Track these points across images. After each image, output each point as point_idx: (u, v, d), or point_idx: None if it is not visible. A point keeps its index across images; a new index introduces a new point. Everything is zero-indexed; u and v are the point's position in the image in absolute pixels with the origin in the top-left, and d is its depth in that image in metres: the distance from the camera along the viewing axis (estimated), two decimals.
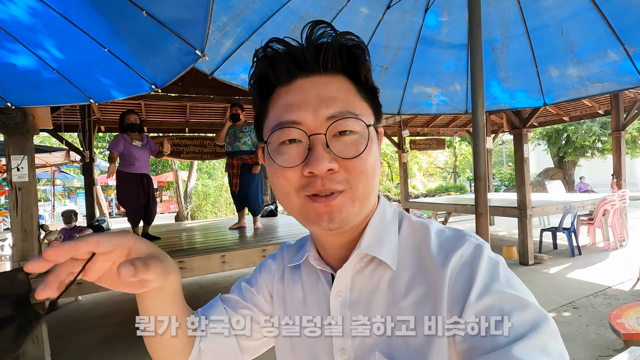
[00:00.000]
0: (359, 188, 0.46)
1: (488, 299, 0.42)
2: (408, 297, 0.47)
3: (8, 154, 2.57)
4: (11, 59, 1.53)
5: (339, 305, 0.51)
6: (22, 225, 2.63)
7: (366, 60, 0.49)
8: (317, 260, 0.55)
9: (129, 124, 3.78)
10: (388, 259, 0.49)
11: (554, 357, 0.38)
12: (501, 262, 0.47)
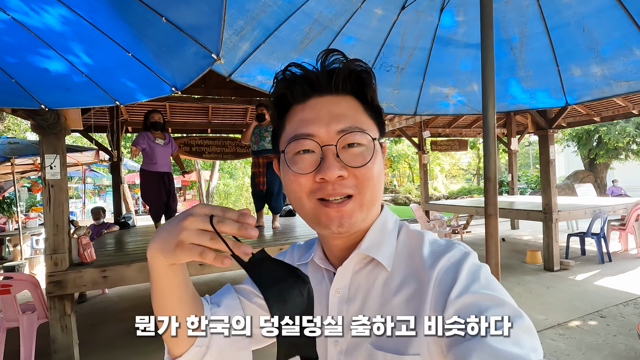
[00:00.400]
0: (367, 194, 0.52)
1: (467, 298, 0.46)
2: (398, 295, 0.52)
3: (42, 153, 2.73)
4: (45, 64, 1.64)
5: (337, 301, 0.56)
6: (54, 220, 2.79)
7: (372, 83, 0.56)
8: (321, 260, 0.60)
9: (152, 123, 3.93)
10: (384, 261, 0.54)
11: (527, 349, 0.41)
12: (484, 268, 0.51)
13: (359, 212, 0.52)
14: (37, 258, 6.36)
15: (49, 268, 2.76)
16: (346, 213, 0.51)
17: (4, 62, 1.63)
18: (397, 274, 0.53)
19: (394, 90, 2.12)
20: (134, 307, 4.37)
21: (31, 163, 6.70)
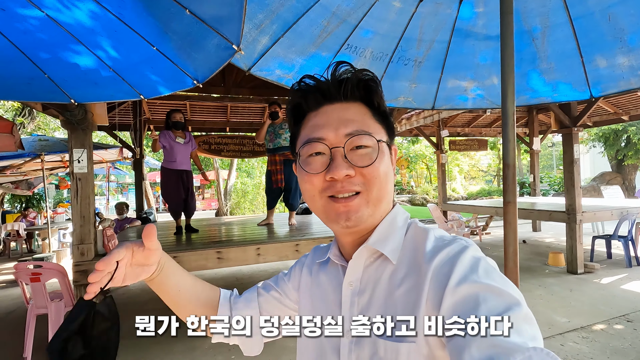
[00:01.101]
0: (373, 191, 0.56)
1: (465, 287, 0.47)
2: (401, 287, 0.54)
3: (71, 148, 2.86)
4: (75, 60, 1.73)
5: (349, 294, 0.60)
6: (81, 212, 2.91)
7: (379, 91, 0.60)
8: (336, 256, 0.65)
9: (174, 122, 4.04)
10: (390, 254, 0.57)
11: (526, 337, 0.41)
12: (484, 260, 0.51)
13: (366, 207, 0.56)
14: (64, 251, 6.63)
15: (76, 257, 2.88)
16: (353, 207, 0.56)
17: (37, 57, 1.73)
18: (402, 268, 0.56)
19: (412, 84, 2.11)
20: (155, 299, 4.46)
21: (59, 160, 6.99)
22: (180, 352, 3.04)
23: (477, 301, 0.45)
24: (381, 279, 0.57)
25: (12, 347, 3.17)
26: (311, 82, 0.61)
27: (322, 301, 0.65)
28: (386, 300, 0.55)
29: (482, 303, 0.44)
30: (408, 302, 0.52)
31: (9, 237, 8.02)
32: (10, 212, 9.95)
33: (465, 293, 0.46)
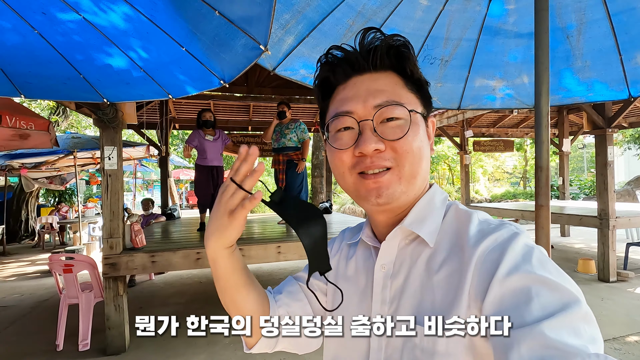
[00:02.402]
0: (405, 166, 0.52)
1: (516, 278, 0.42)
2: (440, 272, 0.50)
3: (102, 145, 2.98)
4: (108, 61, 1.80)
5: (382, 276, 0.56)
6: (111, 207, 3.02)
7: (411, 56, 0.55)
8: (369, 237, 0.61)
9: (204, 121, 4.22)
10: (427, 237, 0.53)
11: (585, 340, 0.37)
12: (537, 249, 0.46)
13: (397, 183, 0.52)
14: (93, 244, 6.92)
15: (105, 251, 3.00)
16: (383, 184, 0.52)
17: (73, 59, 1.81)
18: (441, 251, 0.52)
19: (437, 84, 2.07)
20: (178, 293, 4.62)
21: (90, 157, 7.30)
22: (201, 345, 3.11)
23: (529, 295, 0.40)
24: (417, 263, 0.53)
25: (45, 334, 3.33)
26: (339, 53, 0.56)
27: (352, 285, 0.62)
28: (423, 285, 0.51)
29: (534, 297, 0.40)
30: (448, 289, 0.48)
31: (44, 230, 8.44)
32: (44, 206, 10.47)
33: (516, 285, 0.42)
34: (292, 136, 4.39)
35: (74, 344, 3.09)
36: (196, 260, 3.19)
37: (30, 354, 3.03)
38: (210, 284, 5.01)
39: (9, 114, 2.94)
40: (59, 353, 3.03)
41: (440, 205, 0.57)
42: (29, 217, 9.59)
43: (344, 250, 0.67)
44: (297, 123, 4.44)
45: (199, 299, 4.37)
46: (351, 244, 0.67)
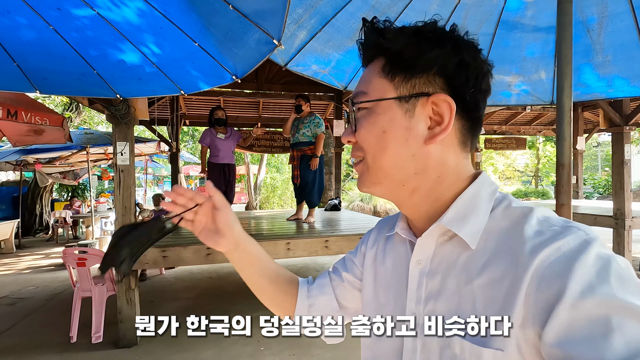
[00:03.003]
0: (368, 157, 0.52)
1: (590, 303, 0.35)
2: (482, 276, 0.44)
3: (114, 141, 3.01)
4: (121, 56, 1.81)
5: (417, 273, 0.52)
6: (123, 202, 3.06)
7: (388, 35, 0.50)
8: (404, 230, 0.57)
9: (216, 119, 4.24)
10: (467, 238, 0.47)
11: None
12: (615, 261, 0.38)
13: (367, 174, 0.52)
14: (105, 238, 7.02)
15: None
16: (358, 173, 0.54)
17: (88, 55, 1.82)
18: (484, 253, 0.46)
19: None
20: (188, 288, 4.67)
21: (102, 152, 7.40)
22: (210, 340, 3.13)
23: (609, 326, 0.34)
24: (456, 264, 0.48)
25: (59, 326, 3.40)
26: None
27: (387, 280, 0.58)
28: (461, 288, 0.46)
29: (616, 330, 0.33)
30: (492, 298, 0.42)
31: (57, 224, 8.61)
32: (58, 201, 10.67)
33: (591, 312, 0.35)
34: (306, 131, 4.30)
35: (87, 336, 3.14)
36: (206, 255, 3.21)
37: (45, 345, 3.09)
38: (219, 279, 5.05)
39: (24, 109, 2.99)
40: (72, 345, 3.08)
41: (487, 199, 0.50)
42: (43, 211, 9.78)
43: (381, 243, 0.64)
44: (311, 117, 4.32)
45: (209, 294, 4.40)
46: (388, 236, 0.63)
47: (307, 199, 4.49)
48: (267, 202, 12.57)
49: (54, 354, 2.94)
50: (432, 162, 0.49)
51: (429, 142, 0.48)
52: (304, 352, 2.90)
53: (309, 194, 4.44)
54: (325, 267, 5.66)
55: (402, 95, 0.49)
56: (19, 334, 3.34)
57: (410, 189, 0.51)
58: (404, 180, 0.51)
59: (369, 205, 11.29)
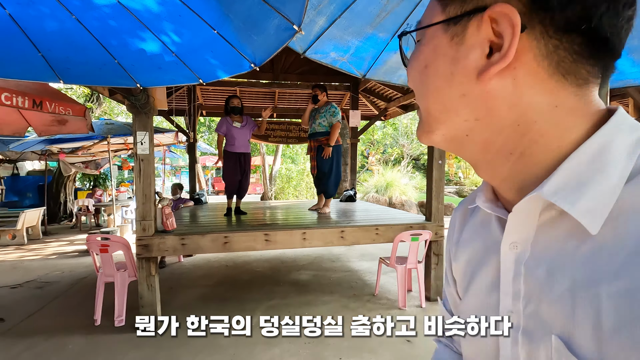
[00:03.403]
0: (419, 100, 0.41)
1: None
2: (617, 282, 0.30)
3: (134, 131, 3.06)
4: (142, 45, 1.82)
5: (513, 259, 0.38)
6: (143, 191, 3.12)
7: None
8: (487, 203, 0.43)
9: (232, 107, 4.24)
10: (583, 217, 0.32)
11: None
12: None
13: (420, 121, 0.42)
14: (126, 226, 7.23)
15: (138, 233, 3.12)
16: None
17: (109, 44, 1.84)
18: (618, 245, 0.30)
19: None
20: (205, 276, 4.76)
21: (122, 142, 7.57)
22: None
23: None
24: (575, 255, 0.33)
25: (84, 309, 3.53)
26: None
27: (473, 267, 0.46)
28: (577, 291, 0.32)
29: None
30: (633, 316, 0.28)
31: (80, 212, 8.91)
32: (81, 189, 11.03)
33: None
34: (322, 121, 4.31)
35: (110, 320, 3.26)
36: (224, 244, 3.26)
37: (72, 327, 3.22)
38: (235, 267, 5.14)
39: (49, 99, 3.07)
40: (96, 328, 3.20)
41: (622, 157, 0.32)
42: (67, 200, 10.13)
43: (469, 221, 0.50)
44: (328, 106, 4.32)
45: (226, 282, 4.48)
46: (471, 212, 0.50)
47: (323, 189, 4.53)
48: (282, 193, 12.66)
49: (80, 335, 3.06)
50: (500, 103, 0.35)
51: (484, 76, 0.34)
52: (319, 340, 2.93)
53: (324, 184, 4.47)
54: (341, 258, 5.68)
55: (450, 17, 0.37)
56: (47, 316, 3.50)
57: (478, 141, 0.38)
58: (463, 129, 0.38)
59: (384, 197, 11.22)
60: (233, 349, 2.79)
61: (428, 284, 3.80)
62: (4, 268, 5.29)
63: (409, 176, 15.12)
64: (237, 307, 3.59)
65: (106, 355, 2.73)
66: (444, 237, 3.81)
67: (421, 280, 3.69)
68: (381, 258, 3.93)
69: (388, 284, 4.35)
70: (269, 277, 4.71)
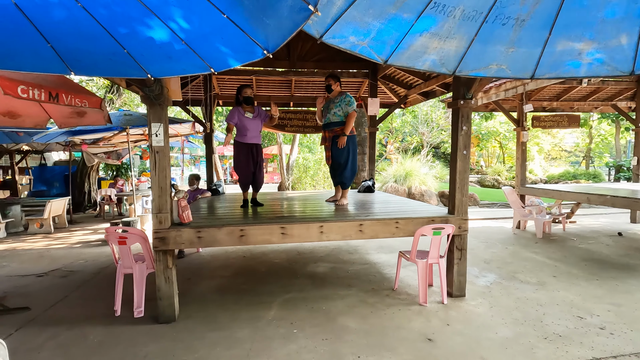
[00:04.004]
0: None
1: None
2: None
3: (149, 122, 3.01)
4: (150, 33, 1.73)
5: None
6: (159, 183, 3.09)
7: None
8: None
9: (245, 98, 4.13)
10: None
11: None
12: None
13: None
14: (146, 216, 7.36)
15: (155, 225, 3.10)
16: None
17: (117, 33, 1.76)
18: None
19: (509, 49, 1.78)
20: (223, 266, 4.77)
21: (141, 133, 7.65)
22: (245, 319, 3.17)
23: None
24: None
25: (105, 299, 3.58)
26: None
27: None
28: None
29: None
30: None
31: (103, 201, 9.13)
32: (104, 179, 11.32)
33: None
34: (337, 110, 4.22)
35: (130, 310, 3.29)
36: (240, 237, 3.21)
37: (93, 317, 3.27)
38: (253, 258, 5.13)
39: (65, 92, 3.06)
40: (117, 318, 3.24)
41: None
42: (91, 189, 10.42)
43: None
44: (342, 96, 4.23)
45: (243, 273, 4.47)
46: None
47: (339, 180, 4.47)
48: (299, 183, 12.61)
49: (101, 326, 3.10)
50: None
51: None
52: (337, 336, 2.85)
53: (340, 175, 4.40)
54: (359, 250, 5.59)
55: None
56: (70, 305, 3.57)
57: None
58: None
59: (404, 187, 11.00)
60: (249, 344, 2.75)
61: (450, 279, 3.65)
62: (31, 256, 5.47)
63: (429, 165, 14.75)
64: (254, 300, 3.57)
65: (126, 346, 2.75)
66: (467, 231, 3.63)
67: (443, 275, 3.55)
68: (401, 252, 3.81)
69: (408, 277, 4.22)
70: (286, 269, 4.67)
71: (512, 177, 17.97)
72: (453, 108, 3.58)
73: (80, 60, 1.95)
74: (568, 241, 6.07)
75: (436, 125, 16.69)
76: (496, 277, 4.30)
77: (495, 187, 16.77)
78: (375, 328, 2.99)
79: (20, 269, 4.84)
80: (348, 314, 3.25)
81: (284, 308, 3.39)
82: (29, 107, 4.17)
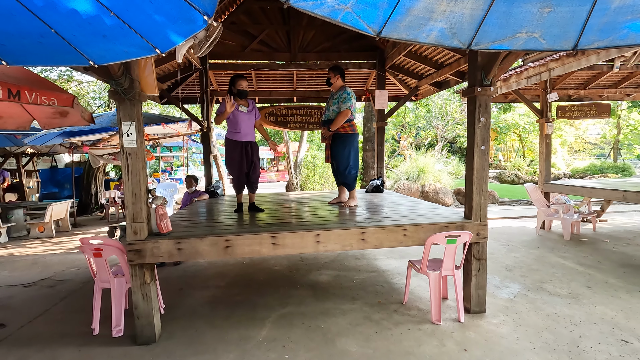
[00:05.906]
0: None
1: None
2: None
3: (119, 120, 2.66)
4: (71, 4, 1.36)
5: None
6: (132, 189, 2.74)
7: None
8: None
9: (239, 91, 3.71)
10: None
11: None
12: None
13: None
14: None
15: (130, 236, 2.75)
16: None
17: (33, 5, 1.39)
18: None
19: (544, 9, 1.31)
20: (219, 274, 4.43)
21: None
22: (233, 340, 2.80)
23: None
24: None
25: (88, 314, 3.26)
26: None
27: None
28: None
29: None
30: None
31: (108, 203, 8.98)
32: (113, 180, 11.22)
33: None
34: (335, 107, 3.88)
35: (109, 328, 2.98)
36: (225, 248, 2.83)
37: (69, 335, 2.98)
38: (252, 265, 4.77)
39: (27, 88, 2.74)
40: (94, 337, 2.93)
41: None
42: (98, 191, 10.31)
43: None
44: (341, 91, 3.85)
45: (240, 282, 4.12)
46: None
47: (342, 181, 4.13)
48: (307, 181, 12.21)
49: (74, 346, 2.79)
50: None
51: None
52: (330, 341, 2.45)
53: (341, 174, 4.05)
54: (366, 255, 5.14)
55: None
56: (48, 320, 3.29)
57: None
58: None
59: (416, 185, 10.45)
60: None
61: (467, 293, 3.19)
62: (25, 263, 5.27)
63: (444, 161, 14.10)
64: (247, 315, 3.20)
65: None
66: (487, 238, 3.16)
67: (459, 289, 3.09)
68: (410, 261, 3.36)
69: (419, 289, 3.77)
70: (286, 277, 4.29)
71: (533, 171, 17.07)
72: (469, 97, 3.10)
73: (6, 45, 1.60)
74: (600, 243, 5.47)
75: (451, 119, 15.99)
76: (520, 287, 3.79)
77: (515, 183, 15.96)
78: (379, 353, 2.57)
79: (10, 278, 4.63)
80: (349, 334, 2.84)
81: (278, 326, 3.00)
82: (9, 107, 3.89)
